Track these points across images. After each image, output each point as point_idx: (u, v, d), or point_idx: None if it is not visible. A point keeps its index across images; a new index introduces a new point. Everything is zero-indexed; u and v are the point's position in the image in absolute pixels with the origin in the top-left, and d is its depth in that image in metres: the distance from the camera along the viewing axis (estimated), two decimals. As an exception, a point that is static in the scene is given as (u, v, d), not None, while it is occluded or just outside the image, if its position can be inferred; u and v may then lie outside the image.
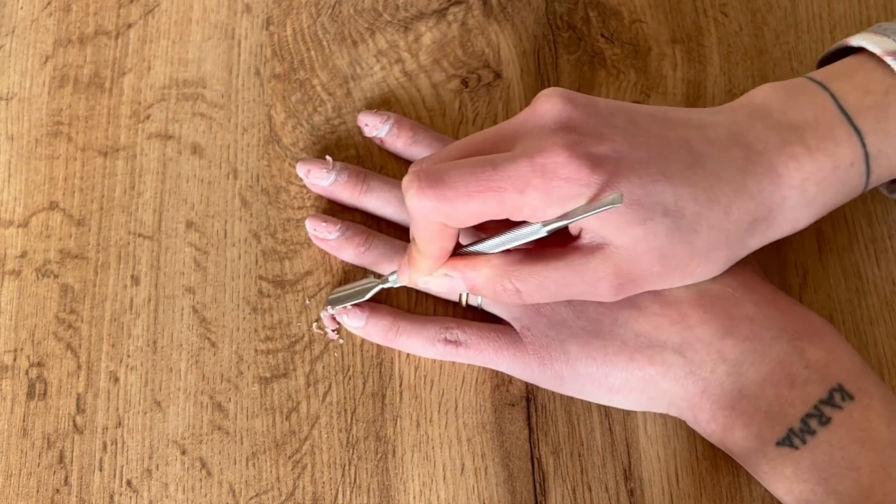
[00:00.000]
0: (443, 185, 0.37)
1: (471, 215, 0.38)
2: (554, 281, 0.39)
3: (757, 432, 0.39)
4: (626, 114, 0.40)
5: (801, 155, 0.40)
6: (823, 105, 0.40)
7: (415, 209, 0.38)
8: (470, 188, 0.37)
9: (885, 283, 0.46)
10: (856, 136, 0.40)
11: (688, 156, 0.39)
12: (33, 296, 0.46)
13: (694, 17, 0.52)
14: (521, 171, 0.37)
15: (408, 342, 0.44)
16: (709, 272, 0.41)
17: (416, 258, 0.41)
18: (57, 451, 0.44)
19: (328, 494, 0.43)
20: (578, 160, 0.37)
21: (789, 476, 0.39)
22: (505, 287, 0.40)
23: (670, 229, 0.38)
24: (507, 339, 0.43)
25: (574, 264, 0.39)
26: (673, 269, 0.40)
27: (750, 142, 0.40)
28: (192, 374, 0.45)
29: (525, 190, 0.37)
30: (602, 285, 0.39)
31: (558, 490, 0.43)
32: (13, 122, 0.49)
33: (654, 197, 0.38)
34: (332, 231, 0.46)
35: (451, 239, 0.40)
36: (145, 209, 0.48)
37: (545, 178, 0.37)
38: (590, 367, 0.42)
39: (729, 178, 0.39)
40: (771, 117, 0.41)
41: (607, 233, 0.38)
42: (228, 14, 0.51)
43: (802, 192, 0.40)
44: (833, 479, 0.38)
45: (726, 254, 0.40)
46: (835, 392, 0.39)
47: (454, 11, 0.52)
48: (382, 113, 0.48)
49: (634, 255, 0.39)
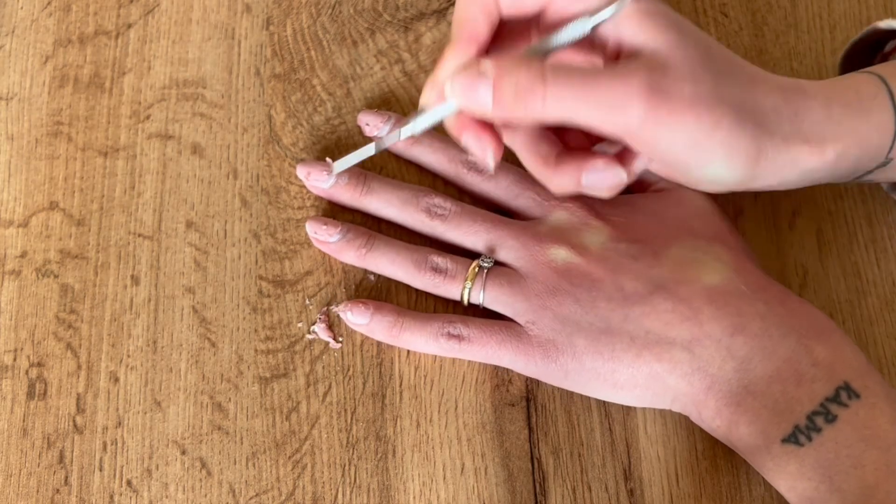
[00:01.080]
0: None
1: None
2: (583, 72, 0.37)
3: (762, 429, 0.40)
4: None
5: (823, 85, 0.41)
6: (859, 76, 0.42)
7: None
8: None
9: (884, 283, 0.46)
10: (877, 77, 0.41)
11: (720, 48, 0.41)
12: (33, 296, 0.46)
13: (694, 17, 0.52)
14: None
15: (411, 338, 0.44)
16: (736, 139, 0.39)
17: (444, 53, 0.40)
18: (57, 451, 0.44)
19: (328, 494, 0.43)
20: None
21: (793, 473, 0.39)
22: (531, 71, 0.37)
23: (702, 53, 0.39)
24: (511, 332, 0.43)
25: (612, 73, 0.37)
26: (702, 102, 0.38)
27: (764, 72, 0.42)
28: (192, 374, 0.45)
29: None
30: (632, 84, 0.37)
31: (558, 490, 0.43)
32: (13, 122, 0.50)
33: (687, 25, 0.39)
34: (333, 234, 0.46)
35: (488, 20, 0.39)
36: (145, 209, 0.48)
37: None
38: (596, 361, 0.42)
39: (752, 67, 0.41)
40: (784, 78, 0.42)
41: (644, 38, 0.38)
42: (228, 14, 0.51)
43: (827, 107, 0.41)
44: (837, 477, 0.38)
45: (753, 123, 0.39)
46: (841, 390, 0.39)
47: (454, 11, 0.52)
48: (383, 113, 0.48)
49: (668, 62, 0.38)
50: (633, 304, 0.42)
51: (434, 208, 0.46)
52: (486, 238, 0.45)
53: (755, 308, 0.41)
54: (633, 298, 0.42)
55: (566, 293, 0.43)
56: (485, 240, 0.45)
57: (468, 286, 0.44)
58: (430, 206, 0.46)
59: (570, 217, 0.45)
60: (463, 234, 0.45)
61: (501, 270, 0.44)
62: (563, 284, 0.43)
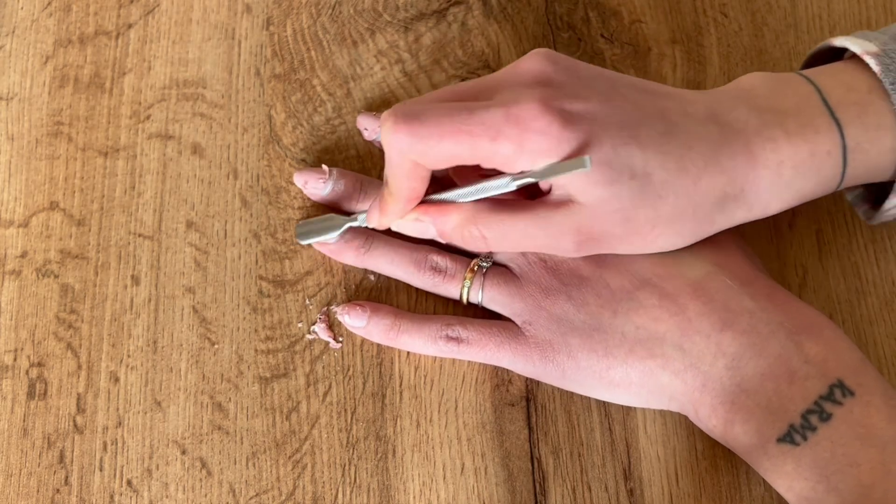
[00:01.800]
0: (418, 123, 0.38)
1: (442, 156, 0.39)
2: (518, 231, 0.41)
3: (757, 428, 0.39)
4: (607, 79, 0.41)
5: (779, 138, 0.40)
6: (807, 96, 0.41)
7: (389, 144, 0.39)
8: (444, 129, 0.38)
9: (884, 283, 0.47)
10: (836, 127, 0.40)
11: (661, 124, 0.40)
12: (34, 296, 0.46)
13: (694, 18, 0.52)
14: (495, 118, 0.38)
15: (409, 341, 0.44)
16: (671, 243, 0.41)
17: (387, 200, 0.42)
18: (57, 451, 0.44)
19: (328, 494, 0.43)
20: (551, 115, 0.38)
21: (790, 473, 0.39)
22: (472, 233, 0.41)
23: (635, 193, 0.39)
24: (509, 334, 0.44)
25: (538, 217, 0.40)
26: (634, 233, 0.40)
27: (728, 120, 0.41)
28: (193, 373, 0.45)
29: (497, 138, 0.38)
30: (564, 240, 0.40)
31: (558, 490, 0.43)
32: (13, 122, 0.50)
33: (623, 159, 0.39)
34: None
35: (423, 182, 0.41)
36: (145, 209, 0.48)
37: (518, 128, 0.38)
38: (591, 359, 0.42)
39: (701, 150, 0.40)
40: (754, 101, 0.41)
41: (574, 190, 0.39)
42: (229, 14, 0.52)
43: (777, 174, 0.40)
44: (834, 477, 0.38)
45: (691, 226, 0.41)
46: (835, 388, 0.39)
47: (454, 12, 0.52)
48: (380, 115, 0.48)
49: (597, 215, 0.39)
50: (621, 300, 0.42)
51: None
52: None
53: (742, 303, 0.41)
54: (620, 294, 0.42)
55: (559, 292, 0.43)
56: None
57: (467, 285, 0.44)
58: None
59: None
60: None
61: (499, 270, 0.45)
62: (554, 283, 0.43)
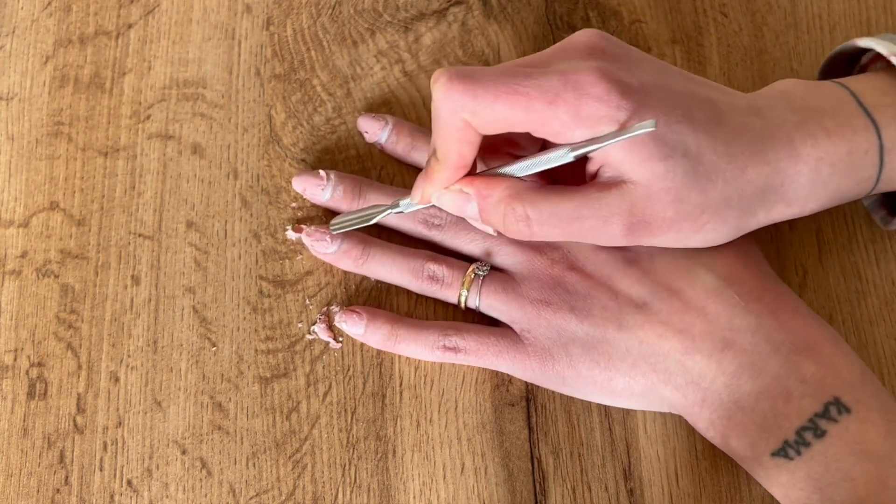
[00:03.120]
0: (473, 81, 0.37)
1: (496, 118, 0.38)
2: (567, 211, 0.39)
3: (751, 443, 0.40)
4: (657, 63, 0.41)
5: (818, 134, 0.40)
6: (843, 98, 0.41)
7: (441, 100, 0.38)
8: (500, 88, 0.37)
9: (884, 283, 0.47)
10: (872, 128, 0.41)
11: (711, 110, 0.40)
12: (34, 296, 0.46)
13: (693, 18, 0.52)
14: (552, 82, 0.37)
15: (407, 349, 0.44)
16: (716, 234, 0.41)
17: (433, 167, 0.41)
18: (57, 451, 0.44)
19: (328, 494, 0.43)
20: (609, 83, 0.37)
21: (785, 483, 0.39)
22: (515, 211, 0.40)
23: (688, 172, 0.38)
24: (507, 342, 0.44)
25: (590, 197, 0.39)
26: (685, 218, 0.40)
27: (770, 116, 0.41)
28: (193, 373, 0.45)
29: (554, 102, 0.37)
30: (614, 222, 0.39)
31: (558, 490, 0.43)
32: (13, 122, 0.50)
33: (677, 136, 0.38)
34: (329, 246, 0.46)
35: (472, 148, 0.39)
36: (146, 209, 0.48)
37: (576, 93, 0.37)
38: (593, 370, 0.42)
39: (748, 139, 0.40)
40: (791, 101, 0.41)
41: (627, 168, 0.38)
42: (229, 14, 0.52)
43: (816, 170, 0.40)
44: (829, 489, 0.38)
45: (736, 216, 0.40)
46: (830, 405, 0.39)
47: (454, 12, 0.52)
48: (380, 117, 0.48)
49: (650, 193, 0.39)
50: (627, 314, 0.42)
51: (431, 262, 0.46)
52: (482, 245, 0.45)
53: (746, 321, 0.41)
54: (627, 308, 0.42)
55: (561, 302, 0.43)
56: (480, 247, 0.45)
57: (464, 294, 0.44)
58: (428, 264, 0.45)
59: None
60: (460, 242, 0.46)
61: (497, 277, 0.44)
62: (557, 292, 0.43)
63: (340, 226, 0.45)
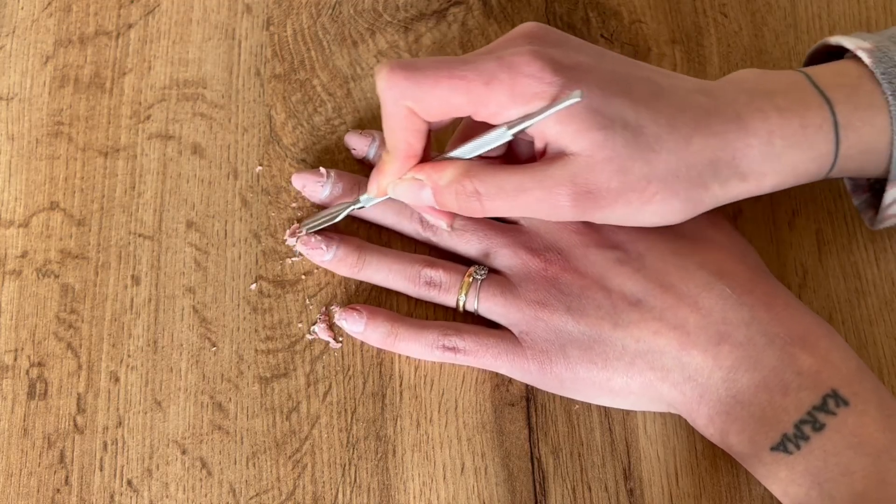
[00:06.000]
0: (413, 69, 0.39)
1: (438, 102, 0.39)
2: (513, 184, 0.40)
3: (750, 437, 0.40)
4: (597, 49, 0.42)
5: (767, 110, 0.41)
6: (797, 80, 0.42)
7: (384, 90, 0.39)
8: (439, 73, 0.39)
9: (884, 283, 0.47)
10: (826, 104, 0.41)
11: (651, 87, 0.40)
12: (34, 296, 0.46)
13: (693, 18, 0.52)
14: (488, 65, 0.39)
15: (406, 348, 0.44)
16: (669, 206, 0.41)
17: (384, 160, 0.42)
18: (57, 451, 0.44)
19: (328, 494, 0.43)
20: (542, 61, 0.39)
21: (784, 479, 0.39)
22: (465, 188, 0.41)
23: (629, 141, 0.39)
24: (506, 344, 0.44)
25: (535, 170, 0.40)
26: (631, 189, 0.40)
27: (717, 95, 0.41)
28: (193, 373, 0.45)
29: (491, 83, 0.39)
30: (559, 194, 0.40)
31: (558, 490, 0.43)
32: (14, 122, 0.50)
33: (615, 109, 0.39)
34: (325, 254, 0.46)
35: (420, 137, 0.41)
36: (146, 209, 0.48)
37: (510, 73, 0.39)
38: (591, 370, 0.42)
39: (691, 113, 0.40)
40: (742, 84, 0.42)
41: (567, 141, 0.39)
42: (229, 14, 0.52)
43: (769, 143, 0.40)
44: (827, 484, 0.38)
45: (685, 186, 0.40)
46: (828, 398, 0.39)
47: (454, 12, 0.52)
48: (367, 134, 0.48)
49: (592, 163, 0.39)
50: (622, 312, 0.42)
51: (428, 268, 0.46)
52: (479, 247, 0.45)
53: (740, 315, 0.41)
54: (621, 306, 0.42)
55: (557, 303, 0.43)
56: (477, 249, 0.45)
57: (462, 299, 0.44)
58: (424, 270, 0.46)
59: (556, 226, 0.45)
60: (456, 244, 0.46)
61: (495, 280, 0.44)
62: (553, 293, 0.43)
63: (311, 226, 0.46)
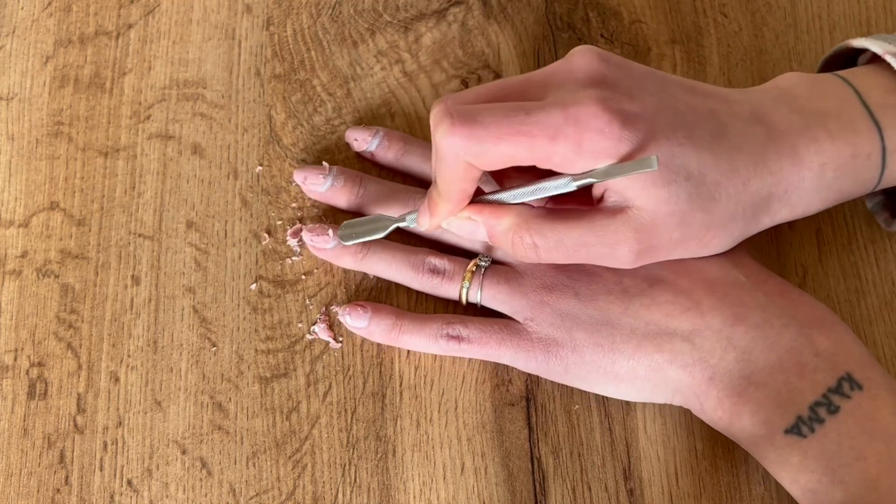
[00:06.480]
0: (475, 125, 0.37)
1: (499, 158, 0.38)
2: (573, 240, 0.40)
3: (765, 419, 0.39)
4: (658, 78, 0.41)
5: (822, 139, 0.40)
6: (847, 98, 0.41)
7: (443, 146, 0.38)
8: (502, 130, 0.37)
9: (884, 283, 0.47)
10: (875, 130, 0.41)
11: (713, 125, 0.40)
12: (34, 296, 0.46)
13: (693, 18, 0.52)
14: (553, 118, 0.37)
15: (411, 340, 0.44)
16: (723, 244, 0.41)
17: (436, 201, 0.41)
18: (57, 451, 0.44)
19: (328, 494, 0.43)
20: (611, 114, 0.37)
21: (796, 465, 0.39)
22: (523, 240, 0.41)
23: (692, 194, 0.39)
24: (510, 330, 0.43)
25: (595, 225, 0.40)
26: (691, 238, 0.40)
27: (773, 122, 0.41)
28: (193, 373, 0.45)
29: (556, 138, 0.37)
30: (622, 249, 0.40)
31: (558, 490, 0.43)
32: (14, 122, 0.50)
33: (680, 160, 0.38)
34: (328, 241, 0.46)
35: (473, 182, 0.40)
36: (146, 209, 0.48)
37: (577, 128, 0.37)
38: (596, 354, 0.42)
39: (750, 152, 0.40)
40: (795, 102, 0.41)
41: (632, 194, 0.39)
42: (229, 14, 0.52)
43: (820, 175, 0.41)
44: (840, 470, 0.38)
45: (741, 226, 0.41)
46: (843, 381, 0.39)
47: (454, 12, 0.52)
48: (371, 127, 0.48)
49: (656, 219, 0.39)
50: (633, 297, 0.42)
51: None
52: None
53: (755, 298, 0.41)
54: (633, 291, 0.42)
55: (565, 287, 0.43)
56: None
57: (466, 286, 0.44)
58: None
59: None
60: (461, 237, 0.46)
61: (499, 269, 0.45)
62: (561, 279, 0.43)
63: (350, 235, 0.45)
